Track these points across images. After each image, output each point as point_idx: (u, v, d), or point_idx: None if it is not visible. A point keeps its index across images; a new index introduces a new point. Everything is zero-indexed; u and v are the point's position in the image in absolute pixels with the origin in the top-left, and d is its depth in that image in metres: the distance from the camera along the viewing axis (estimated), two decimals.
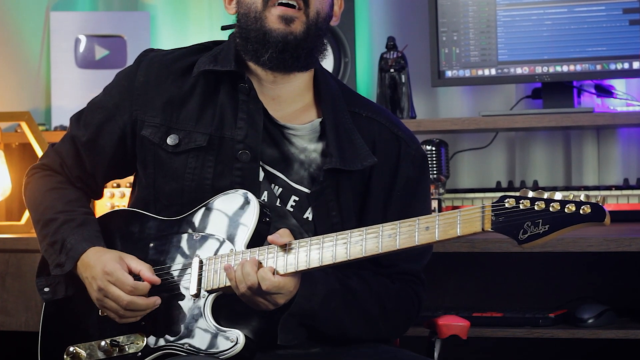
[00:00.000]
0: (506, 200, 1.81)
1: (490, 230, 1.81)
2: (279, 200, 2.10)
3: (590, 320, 2.73)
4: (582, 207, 1.76)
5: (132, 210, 2.16)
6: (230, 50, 2.14)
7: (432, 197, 2.95)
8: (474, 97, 3.33)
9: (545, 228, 1.77)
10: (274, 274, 1.93)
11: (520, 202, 1.80)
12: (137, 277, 2.03)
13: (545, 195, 1.79)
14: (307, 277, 1.97)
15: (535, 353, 3.10)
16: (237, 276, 1.94)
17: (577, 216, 1.76)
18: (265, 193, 2.10)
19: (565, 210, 1.76)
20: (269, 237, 1.96)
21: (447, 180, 3.02)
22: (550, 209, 1.77)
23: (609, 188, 2.99)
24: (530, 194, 1.80)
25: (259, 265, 1.94)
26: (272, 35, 2.06)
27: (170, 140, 2.12)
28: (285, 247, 1.95)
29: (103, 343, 2.07)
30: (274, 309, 1.96)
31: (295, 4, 2.06)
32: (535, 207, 1.78)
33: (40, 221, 2.15)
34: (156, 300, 2.01)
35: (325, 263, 1.93)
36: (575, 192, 2.89)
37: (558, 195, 1.78)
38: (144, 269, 2.02)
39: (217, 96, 2.12)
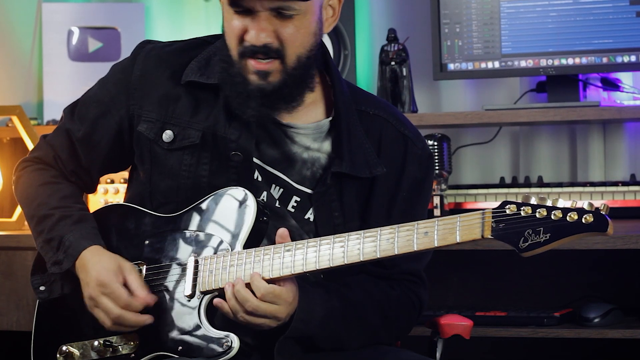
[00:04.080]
0: (507, 207, 1.80)
1: (490, 237, 1.80)
2: (278, 201, 2.07)
3: (596, 320, 2.73)
4: (584, 216, 1.75)
5: (128, 206, 2.13)
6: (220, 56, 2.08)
7: (434, 193, 2.96)
8: (477, 90, 3.32)
9: (546, 237, 1.77)
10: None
11: (522, 208, 1.79)
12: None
13: (548, 202, 1.78)
14: (305, 297, 1.95)
15: (540, 353, 3.10)
16: (233, 306, 1.92)
17: (579, 225, 1.75)
18: (264, 194, 2.07)
19: (567, 218, 1.76)
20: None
21: (449, 176, 3.01)
22: (552, 217, 1.76)
23: (615, 184, 2.98)
24: (533, 200, 1.79)
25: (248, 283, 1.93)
26: (251, 85, 2.00)
27: (166, 136, 2.09)
28: (282, 249, 1.93)
29: (96, 343, 2.05)
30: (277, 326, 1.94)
31: (268, 58, 1.97)
32: (537, 215, 1.77)
33: (34, 217, 2.12)
34: (147, 319, 1.99)
35: (322, 266, 1.91)
36: (581, 189, 2.93)
37: (561, 203, 1.77)
38: (139, 289, 1.99)
39: (212, 94, 2.08)
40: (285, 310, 1.92)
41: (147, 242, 2.07)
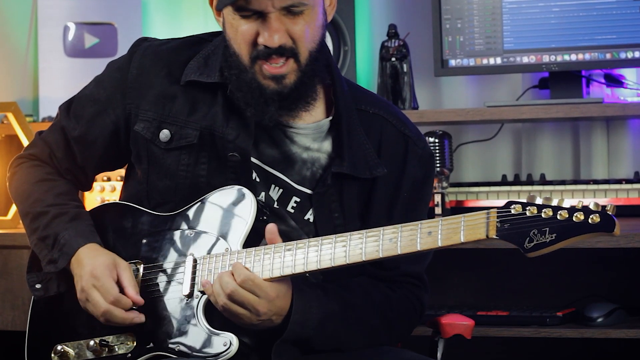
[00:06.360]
0: (512, 206, 1.79)
1: (495, 237, 1.79)
2: (276, 202, 2.06)
3: (599, 319, 2.73)
4: (591, 216, 1.74)
5: (125, 204, 2.12)
6: (219, 55, 2.07)
7: (435, 191, 2.95)
8: (478, 87, 3.31)
9: (552, 237, 1.76)
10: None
11: (527, 208, 1.78)
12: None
13: (554, 202, 1.77)
14: (301, 300, 1.94)
15: (543, 353, 3.10)
16: (216, 289, 1.92)
17: (585, 225, 1.75)
18: (263, 194, 2.06)
19: (574, 218, 1.75)
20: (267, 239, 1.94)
21: (450, 174, 3.00)
22: (558, 217, 1.76)
23: (619, 181, 2.96)
24: (538, 200, 1.78)
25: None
26: (267, 90, 1.98)
27: (163, 135, 2.08)
28: (282, 248, 1.91)
29: (92, 342, 2.04)
30: (260, 327, 1.93)
31: (282, 61, 1.96)
32: (543, 215, 1.77)
33: (29, 214, 2.11)
34: (135, 317, 1.99)
35: (324, 266, 1.89)
36: (584, 187, 2.91)
37: (566, 202, 1.77)
38: (130, 287, 1.99)
39: (210, 93, 2.07)
40: (266, 306, 1.90)
41: (144, 241, 2.06)
